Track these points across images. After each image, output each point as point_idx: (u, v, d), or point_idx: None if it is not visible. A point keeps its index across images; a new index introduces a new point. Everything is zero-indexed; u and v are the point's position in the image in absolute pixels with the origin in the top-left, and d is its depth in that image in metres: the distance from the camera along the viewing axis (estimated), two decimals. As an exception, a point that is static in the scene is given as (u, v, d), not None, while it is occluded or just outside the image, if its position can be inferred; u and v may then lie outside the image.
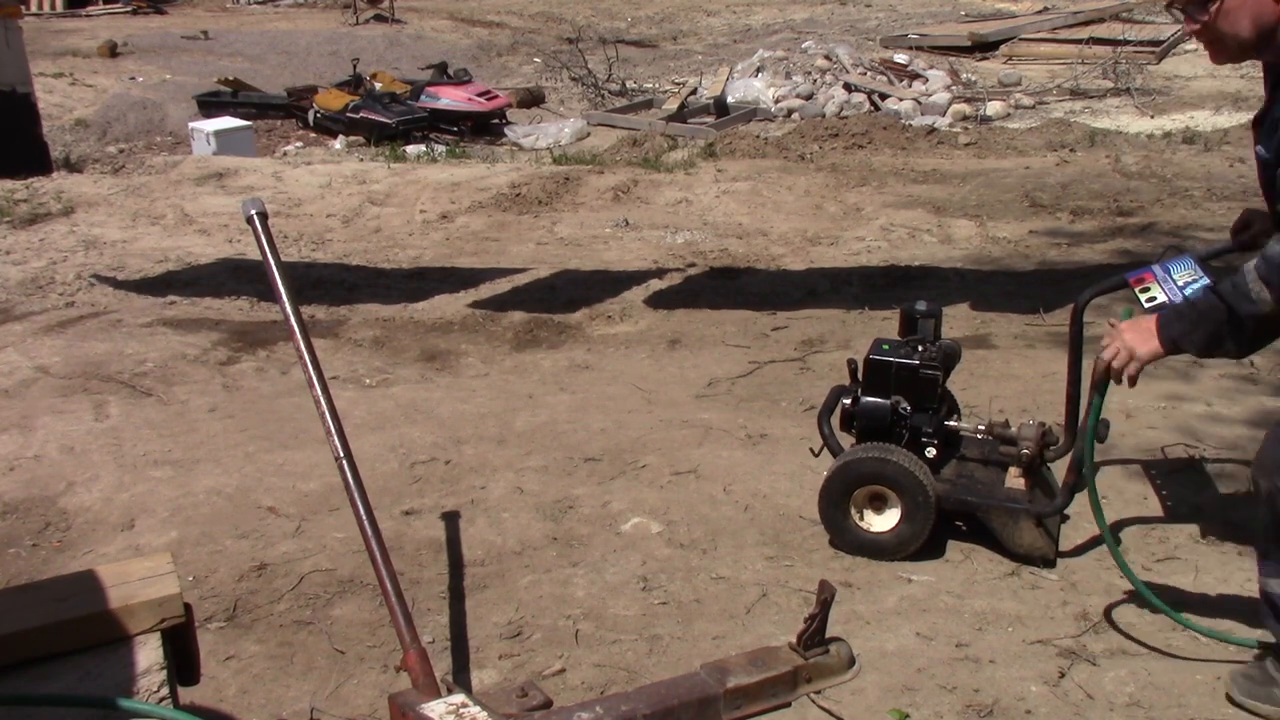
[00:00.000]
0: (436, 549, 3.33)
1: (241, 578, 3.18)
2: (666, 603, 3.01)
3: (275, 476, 3.76)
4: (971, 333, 4.97)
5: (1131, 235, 6.32)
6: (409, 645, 2.20)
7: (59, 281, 6.16)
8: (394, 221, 7.49)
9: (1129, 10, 14.56)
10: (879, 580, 3.11)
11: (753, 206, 7.41)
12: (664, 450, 3.90)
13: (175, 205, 7.79)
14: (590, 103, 12.49)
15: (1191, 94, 10.42)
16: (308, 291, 5.91)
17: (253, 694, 2.71)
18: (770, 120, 11.06)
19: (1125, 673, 2.70)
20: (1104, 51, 11.46)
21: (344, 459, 2.32)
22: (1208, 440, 3.84)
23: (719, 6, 19.34)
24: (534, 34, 17.23)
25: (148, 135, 11.81)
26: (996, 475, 3.27)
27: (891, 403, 3.19)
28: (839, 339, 4.99)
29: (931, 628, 2.90)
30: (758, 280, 5.99)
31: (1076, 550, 3.24)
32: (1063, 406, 3.32)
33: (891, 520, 3.17)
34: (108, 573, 2.00)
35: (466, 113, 11.41)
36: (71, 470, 3.83)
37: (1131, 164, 7.84)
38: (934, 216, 6.93)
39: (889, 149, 8.79)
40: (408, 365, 4.95)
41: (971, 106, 10.26)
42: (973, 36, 13.12)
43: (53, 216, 7.45)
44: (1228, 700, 2.56)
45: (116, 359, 4.88)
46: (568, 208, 7.60)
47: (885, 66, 11.71)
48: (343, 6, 18.44)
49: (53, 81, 12.71)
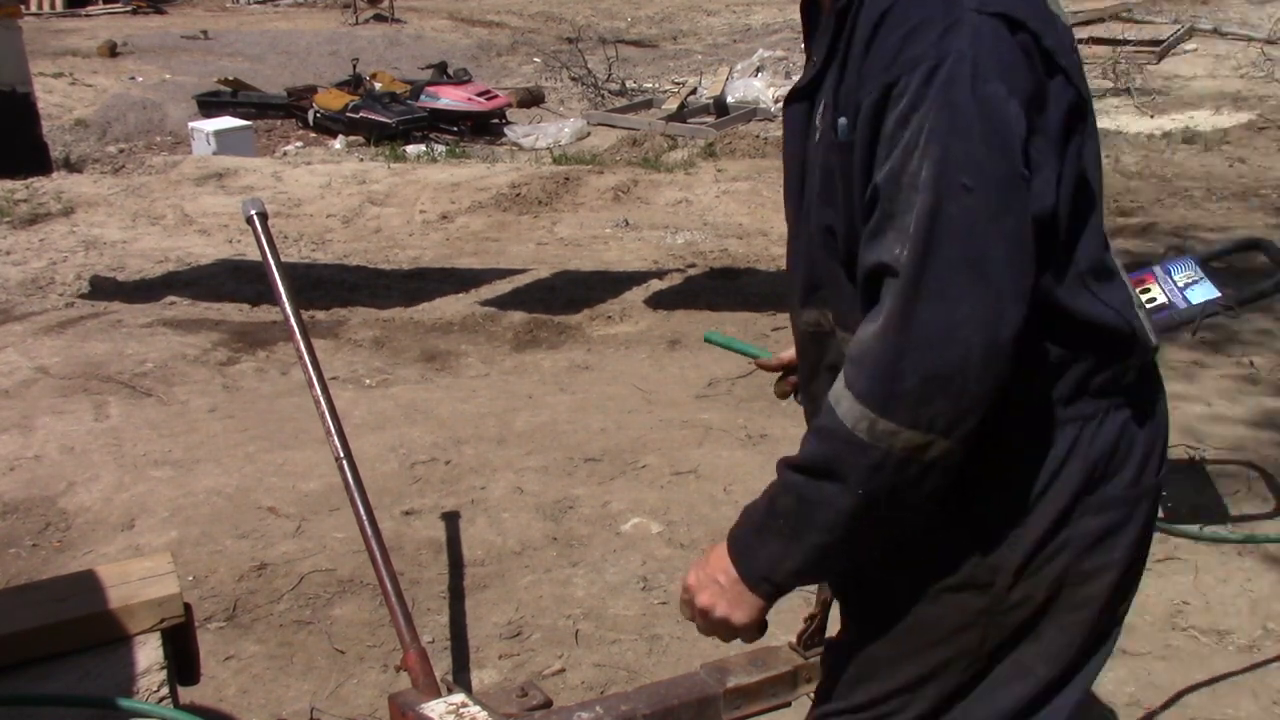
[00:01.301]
0: (436, 549, 3.33)
1: (241, 578, 3.18)
2: (666, 603, 3.01)
3: (275, 476, 3.76)
4: (971, 333, 4.97)
5: (1131, 235, 6.32)
6: (409, 645, 2.19)
7: (59, 281, 6.15)
8: (394, 222, 7.48)
9: (1129, 10, 14.56)
10: (879, 580, 3.11)
11: (753, 206, 7.40)
12: (664, 450, 3.90)
13: (175, 205, 7.78)
14: (590, 103, 12.49)
15: (1191, 94, 10.42)
16: (308, 292, 5.90)
17: (253, 694, 2.71)
18: (770, 120, 11.05)
19: (1125, 673, 2.70)
20: (1104, 51, 11.46)
21: (344, 459, 2.32)
22: (1208, 440, 3.84)
23: (719, 6, 19.33)
24: (534, 34, 17.23)
25: (148, 135, 11.80)
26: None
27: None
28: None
29: (931, 628, 2.90)
30: (758, 280, 5.99)
31: (1076, 550, 3.24)
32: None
33: (891, 520, 3.16)
34: (107, 573, 2.00)
35: (466, 112, 11.41)
36: (71, 470, 3.83)
37: (1131, 164, 7.83)
38: (934, 216, 6.93)
39: (889, 149, 8.79)
40: (408, 365, 4.95)
41: (971, 106, 10.27)
42: (973, 36, 13.13)
43: (53, 216, 7.45)
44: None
45: (116, 359, 4.88)
46: (568, 208, 7.59)
47: (885, 66, 11.71)
48: (343, 6, 18.43)
49: (53, 81, 12.70)
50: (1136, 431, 1.30)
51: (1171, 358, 4.49)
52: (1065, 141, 1.21)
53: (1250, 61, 11.57)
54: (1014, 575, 1.26)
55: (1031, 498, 1.25)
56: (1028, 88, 1.15)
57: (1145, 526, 1.33)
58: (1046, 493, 1.25)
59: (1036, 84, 1.17)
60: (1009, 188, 1.12)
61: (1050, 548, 1.26)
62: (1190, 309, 2.78)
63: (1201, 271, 2.84)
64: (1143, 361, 1.32)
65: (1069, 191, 1.22)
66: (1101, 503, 1.27)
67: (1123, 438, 1.28)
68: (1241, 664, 2.73)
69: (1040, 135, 1.17)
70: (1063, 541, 1.26)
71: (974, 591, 1.27)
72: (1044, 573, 1.26)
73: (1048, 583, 1.27)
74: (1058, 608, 1.28)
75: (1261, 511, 3.41)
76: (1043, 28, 1.18)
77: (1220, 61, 11.89)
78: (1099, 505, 1.27)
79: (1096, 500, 1.27)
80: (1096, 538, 1.27)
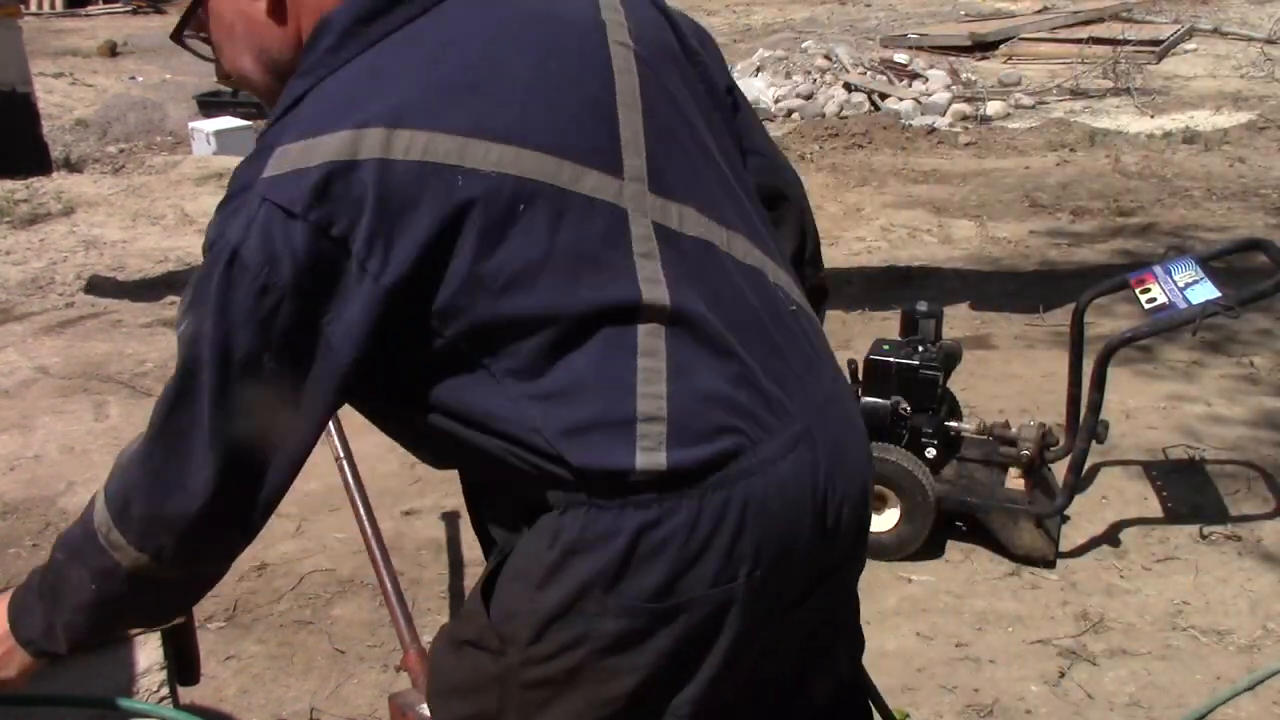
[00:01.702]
0: (436, 549, 3.33)
1: (241, 578, 3.18)
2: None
3: (275, 476, 3.76)
4: (971, 333, 4.97)
5: (1131, 235, 6.32)
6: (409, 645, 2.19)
7: (59, 281, 6.15)
8: (394, 221, 7.47)
9: (1129, 10, 14.56)
10: (879, 580, 3.11)
11: (753, 206, 7.40)
12: (664, 450, 3.89)
13: (175, 205, 7.78)
14: (590, 103, 12.49)
15: (1191, 94, 10.41)
16: (308, 291, 5.90)
17: (253, 694, 2.71)
18: (770, 120, 11.04)
19: (1125, 673, 2.70)
20: (1104, 51, 11.45)
21: (344, 459, 2.32)
22: (1208, 440, 3.84)
23: (719, 6, 19.32)
24: (534, 34, 17.24)
25: (148, 135, 11.79)
26: (997, 476, 3.28)
27: (892, 403, 3.19)
28: (839, 339, 4.99)
29: (931, 627, 2.90)
30: (758, 280, 5.99)
31: (1077, 550, 3.24)
32: (1063, 406, 3.32)
33: (891, 520, 3.17)
34: (108, 573, 2.00)
35: (466, 113, 11.41)
36: (71, 470, 3.83)
37: (1131, 164, 7.83)
38: (934, 216, 6.93)
39: (889, 149, 8.78)
40: (408, 365, 4.95)
41: (971, 106, 10.25)
42: (973, 36, 13.11)
43: (53, 216, 7.45)
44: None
45: (116, 359, 4.88)
46: (568, 208, 7.59)
47: (885, 66, 11.71)
48: (343, 6, 18.43)
49: (53, 81, 12.69)
50: (663, 540, 1.14)
51: (1171, 357, 4.49)
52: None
53: (1250, 61, 11.57)
54: (524, 652, 1.19)
55: (538, 583, 1.18)
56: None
57: (684, 640, 1.17)
58: (550, 583, 1.17)
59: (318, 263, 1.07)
60: (243, 378, 1.09)
61: (562, 636, 1.17)
62: (1190, 309, 2.78)
63: (1202, 271, 2.84)
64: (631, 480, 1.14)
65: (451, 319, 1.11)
66: (620, 608, 1.16)
67: (640, 543, 1.14)
68: (1242, 664, 2.73)
69: (333, 307, 1.08)
70: (579, 635, 1.17)
71: (489, 654, 1.22)
72: (560, 660, 1.17)
73: (565, 672, 1.18)
74: (575, 698, 1.20)
75: (1262, 512, 3.41)
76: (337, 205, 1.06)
77: (1220, 61, 11.88)
78: (617, 610, 1.16)
79: (615, 603, 1.15)
80: (617, 641, 1.17)
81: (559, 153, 1.12)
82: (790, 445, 1.20)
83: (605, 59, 1.20)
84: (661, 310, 1.13)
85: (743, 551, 1.17)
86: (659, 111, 1.22)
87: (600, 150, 1.15)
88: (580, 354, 1.12)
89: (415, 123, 1.08)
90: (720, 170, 1.29)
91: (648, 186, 1.17)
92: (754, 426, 1.17)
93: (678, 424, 1.13)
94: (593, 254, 1.12)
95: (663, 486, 1.14)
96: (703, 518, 1.14)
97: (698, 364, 1.15)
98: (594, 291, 1.11)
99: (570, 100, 1.16)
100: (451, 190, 1.07)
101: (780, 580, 1.21)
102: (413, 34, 1.14)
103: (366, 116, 1.07)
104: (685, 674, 1.20)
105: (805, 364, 1.27)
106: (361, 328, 1.08)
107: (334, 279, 1.07)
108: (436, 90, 1.11)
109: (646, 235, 1.15)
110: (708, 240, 1.21)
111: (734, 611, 1.18)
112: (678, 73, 1.30)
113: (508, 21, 1.18)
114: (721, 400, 1.15)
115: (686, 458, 1.13)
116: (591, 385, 1.12)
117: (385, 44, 1.13)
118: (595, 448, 1.12)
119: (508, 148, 1.10)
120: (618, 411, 1.12)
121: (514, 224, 1.09)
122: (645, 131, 1.19)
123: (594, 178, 1.13)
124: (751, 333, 1.21)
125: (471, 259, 1.08)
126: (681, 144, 1.24)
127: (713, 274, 1.20)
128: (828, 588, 1.32)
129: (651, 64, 1.25)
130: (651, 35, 1.28)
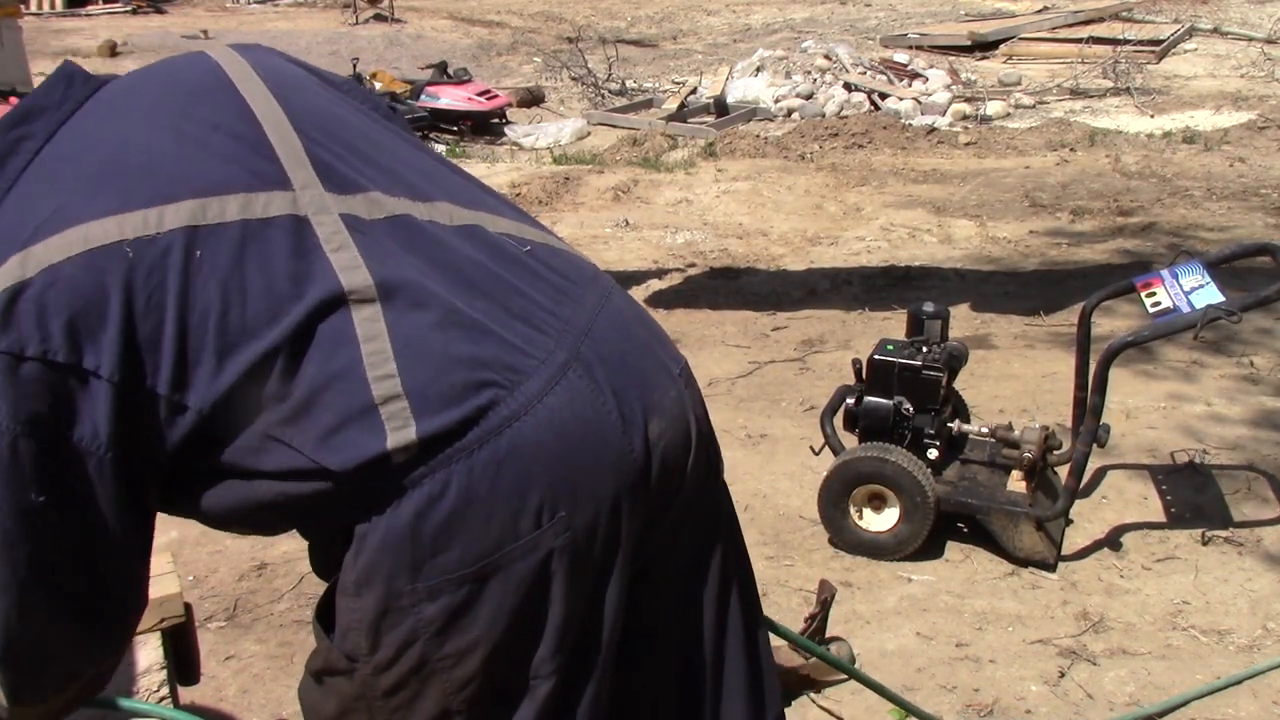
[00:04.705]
0: (437, 549, 3.33)
1: (241, 577, 3.18)
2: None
3: (275, 476, 3.76)
4: (971, 333, 4.97)
5: (1132, 235, 6.32)
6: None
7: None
8: (394, 221, 7.48)
9: (1129, 10, 14.56)
10: (879, 580, 3.11)
11: (753, 206, 7.41)
12: (664, 450, 3.89)
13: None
14: (590, 102, 12.48)
15: (1191, 94, 10.41)
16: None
17: (253, 694, 2.71)
18: (770, 120, 11.04)
19: (1125, 673, 2.70)
20: (1104, 51, 11.45)
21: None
22: (1208, 440, 3.84)
23: (719, 6, 19.33)
24: (534, 34, 17.23)
25: (148, 135, 11.80)
26: (999, 478, 3.28)
27: (894, 403, 3.19)
28: (839, 339, 4.99)
29: (931, 627, 2.90)
30: (758, 280, 5.99)
31: (1077, 550, 3.24)
32: (1063, 407, 3.33)
33: (890, 520, 3.17)
34: (108, 573, 2.00)
35: (466, 112, 11.40)
36: None
37: (1131, 164, 7.84)
38: (934, 216, 6.93)
39: (889, 149, 8.79)
40: (408, 365, 4.94)
41: (971, 106, 10.26)
42: (973, 36, 13.12)
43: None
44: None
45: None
46: (568, 208, 7.59)
47: (885, 66, 11.71)
48: (342, 6, 18.43)
49: (53, 81, 12.70)
50: (449, 511, 1.15)
51: (1172, 357, 4.49)
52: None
53: (1250, 61, 11.57)
54: (370, 662, 1.20)
55: (354, 591, 1.18)
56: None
57: (514, 600, 1.17)
58: (363, 587, 1.17)
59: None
60: (20, 519, 1.09)
61: (395, 636, 1.18)
62: (1192, 314, 2.80)
63: (1208, 276, 2.86)
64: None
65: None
66: (431, 589, 1.16)
67: (427, 520, 1.14)
68: (1242, 664, 2.73)
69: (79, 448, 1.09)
70: (409, 629, 1.17)
71: (343, 677, 1.23)
72: (404, 660, 1.18)
73: (412, 669, 1.19)
74: (433, 691, 1.20)
75: (1262, 512, 3.41)
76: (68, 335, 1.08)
77: (1220, 61, 11.89)
78: (430, 591, 1.16)
79: (425, 585, 1.16)
80: (445, 622, 1.17)
81: (218, 191, 1.16)
82: (556, 376, 1.20)
83: (239, 100, 1.25)
84: (368, 291, 1.15)
85: (533, 495, 1.16)
86: (313, 124, 1.27)
87: (262, 173, 1.19)
88: (308, 362, 1.13)
89: (69, 222, 1.11)
90: (403, 156, 1.34)
91: (324, 188, 1.21)
92: (506, 372, 1.17)
93: (417, 395, 1.13)
94: (286, 269, 1.15)
95: (428, 458, 1.14)
96: (476, 475, 1.15)
97: (425, 332, 1.16)
98: (298, 301, 1.14)
99: (214, 144, 1.20)
100: (126, 262, 1.10)
101: (596, 512, 1.20)
102: (48, 158, 1.18)
103: (27, 236, 1.10)
104: (531, 634, 1.20)
105: (555, 295, 1.27)
106: (108, 424, 1.09)
107: (56, 394, 1.07)
108: (81, 187, 1.14)
109: (335, 230, 1.18)
110: (406, 214, 1.24)
111: (556, 557, 1.18)
112: (326, 93, 1.37)
113: (129, 111, 1.23)
114: (460, 359, 1.16)
115: (436, 424, 1.14)
116: (325, 387, 1.13)
117: (25, 174, 1.17)
118: (349, 445, 1.13)
119: (166, 206, 1.13)
120: (357, 402, 1.13)
121: (198, 272, 1.12)
122: (304, 145, 1.23)
123: (263, 198, 1.17)
124: (482, 285, 1.23)
125: (175, 316, 1.11)
126: (350, 144, 1.29)
127: (421, 242, 1.22)
128: (684, 513, 1.32)
129: (289, 89, 1.31)
130: (282, 70, 1.35)
